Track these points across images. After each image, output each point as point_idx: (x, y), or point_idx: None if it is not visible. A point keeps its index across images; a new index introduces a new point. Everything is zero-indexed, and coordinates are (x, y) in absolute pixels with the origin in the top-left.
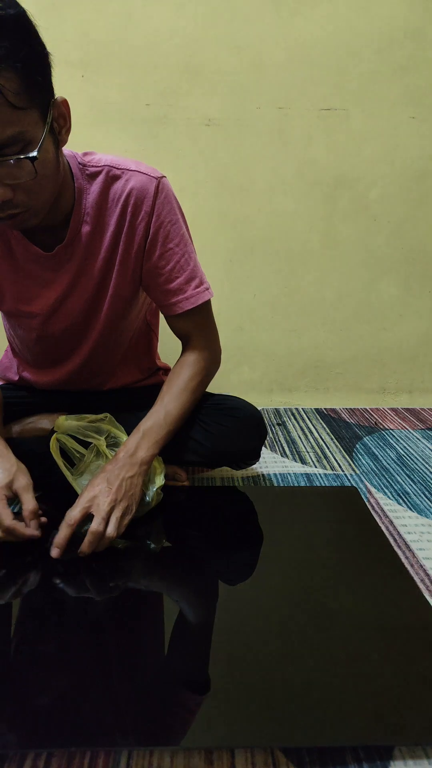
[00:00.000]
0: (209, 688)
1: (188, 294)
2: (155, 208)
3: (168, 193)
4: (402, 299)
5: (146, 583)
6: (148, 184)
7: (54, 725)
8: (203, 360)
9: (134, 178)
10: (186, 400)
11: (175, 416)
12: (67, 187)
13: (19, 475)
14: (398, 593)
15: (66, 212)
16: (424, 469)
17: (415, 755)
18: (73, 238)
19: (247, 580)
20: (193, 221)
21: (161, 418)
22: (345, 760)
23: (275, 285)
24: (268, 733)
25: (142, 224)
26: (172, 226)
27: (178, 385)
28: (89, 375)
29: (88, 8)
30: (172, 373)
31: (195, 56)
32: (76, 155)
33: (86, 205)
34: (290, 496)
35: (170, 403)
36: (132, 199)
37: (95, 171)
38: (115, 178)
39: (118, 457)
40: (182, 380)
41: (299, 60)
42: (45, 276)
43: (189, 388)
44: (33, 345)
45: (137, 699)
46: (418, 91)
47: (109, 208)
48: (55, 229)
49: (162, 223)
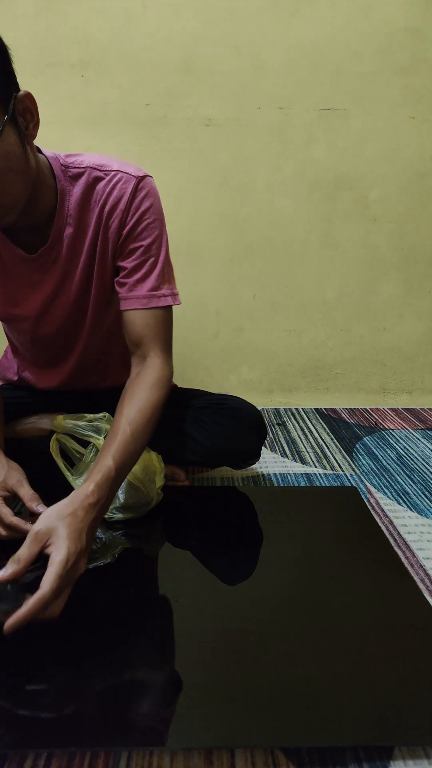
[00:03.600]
0: (209, 688)
1: (151, 293)
2: (131, 206)
3: (148, 193)
4: (402, 299)
5: (146, 583)
6: (127, 183)
7: (54, 725)
8: (165, 382)
9: (116, 178)
10: (150, 432)
11: (137, 455)
12: (46, 188)
13: (11, 472)
14: (398, 593)
15: (48, 213)
16: (424, 469)
17: (415, 755)
18: (57, 239)
19: (247, 580)
20: (193, 221)
21: (130, 456)
22: (345, 760)
23: (275, 285)
24: (268, 733)
25: (116, 221)
26: (147, 225)
27: (145, 416)
28: (86, 374)
29: (88, 8)
30: (137, 394)
31: (195, 56)
32: (59, 156)
33: (69, 206)
34: (290, 496)
35: (139, 438)
36: (111, 198)
37: (78, 172)
38: (97, 180)
39: (89, 490)
40: (150, 411)
41: (299, 60)
42: (32, 279)
43: (155, 417)
44: (30, 347)
45: (137, 699)
46: (418, 91)
47: (91, 209)
48: (38, 231)
49: (135, 221)
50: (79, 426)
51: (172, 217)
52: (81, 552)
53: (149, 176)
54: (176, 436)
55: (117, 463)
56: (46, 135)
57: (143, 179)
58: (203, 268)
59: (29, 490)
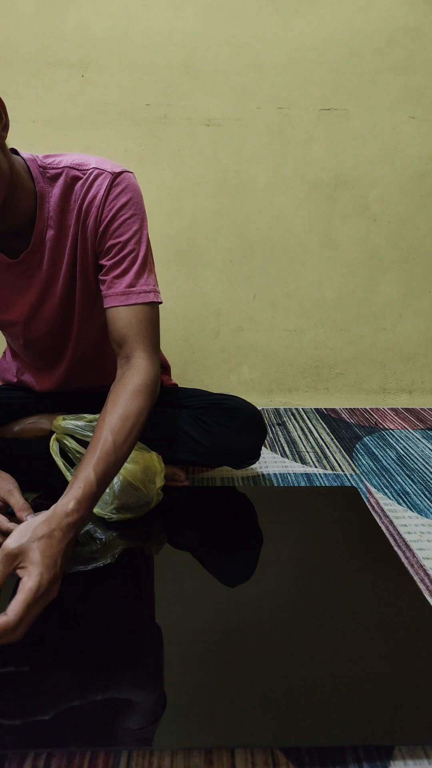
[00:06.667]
0: (209, 688)
1: (129, 289)
2: (106, 202)
3: (124, 188)
4: (402, 299)
5: (146, 583)
6: (103, 180)
7: (54, 725)
8: (150, 385)
9: (92, 176)
10: (133, 441)
11: (119, 466)
12: (24, 190)
13: (2, 482)
14: (398, 593)
15: (29, 217)
16: (424, 469)
17: (415, 755)
18: (39, 242)
19: (247, 580)
20: (193, 221)
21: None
22: (345, 760)
23: (275, 285)
24: (268, 733)
25: (92, 219)
26: (123, 221)
27: (126, 426)
28: (82, 374)
29: (88, 8)
30: (119, 402)
31: (195, 56)
32: (37, 158)
33: (49, 208)
34: (290, 496)
35: (120, 448)
36: (87, 197)
37: (56, 173)
38: (75, 179)
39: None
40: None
41: (299, 60)
42: (17, 284)
43: (139, 425)
44: (24, 350)
45: (137, 699)
46: (418, 91)
47: (71, 209)
48: (20, 235)
49: (110, 218)
50: (79, 426)
51: (172, 217)
52: (54, 579)
53: (128, 172)
54: (176, 436)
55: (98, 475)
56: (46, 135)
57: (119, 175)
58: (203, 268)
59: (20, 500)
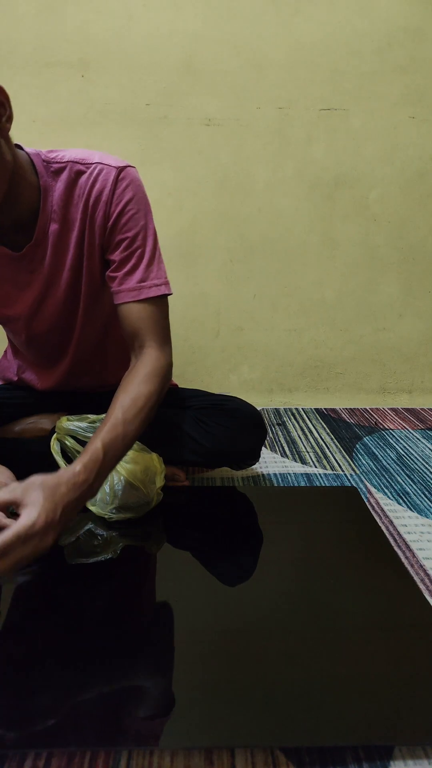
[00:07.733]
0: (209, 688)
1: (140, 285)
2: (113, 197)
3: (130, 183)
4: (402, 299)
5: (146, 583)
6: (108, 174)
7: (54, 725)
8: (162, 372)
9: (96, 170)
10: (143, 420)
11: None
12: (27, 184)
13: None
14: (398, 593)
15: (32, 210)
16: (424, 469)
17: (415, 755)
18: (42, 237)
19: (247, 580)
20: (193, 221)
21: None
22: (345, 760)
23: (275, 285)
24: (268, 733)
25: (101, 213)
26: (131, 216)
27: (137, 405)
28: (84, 372)
29: (88, 8)
30: (131, 386)
31: (195, 56)
32: (40, 152)
33: (52, 202)
34: (290, 496)
35: (130, 424)
36: (94, 191)
37: (59, 167)
38: (79, 173)
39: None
40: (143, 401)
41: (299, 60)
42: (20, 278)
43: (149, 407)
44: (26, 347)
45: (137, 699)
46: (418, 91)
47: (75, 204)
48: (23, 229)
49: (119, 213)
50: (81, 428)
51: (172, 217)
52: (50, 525)
53: (131, 166)
54: (176, 436)
55: (105, 445)
56: (46, 135)
57: (123, 170)
58: (203, 268)
59: None
